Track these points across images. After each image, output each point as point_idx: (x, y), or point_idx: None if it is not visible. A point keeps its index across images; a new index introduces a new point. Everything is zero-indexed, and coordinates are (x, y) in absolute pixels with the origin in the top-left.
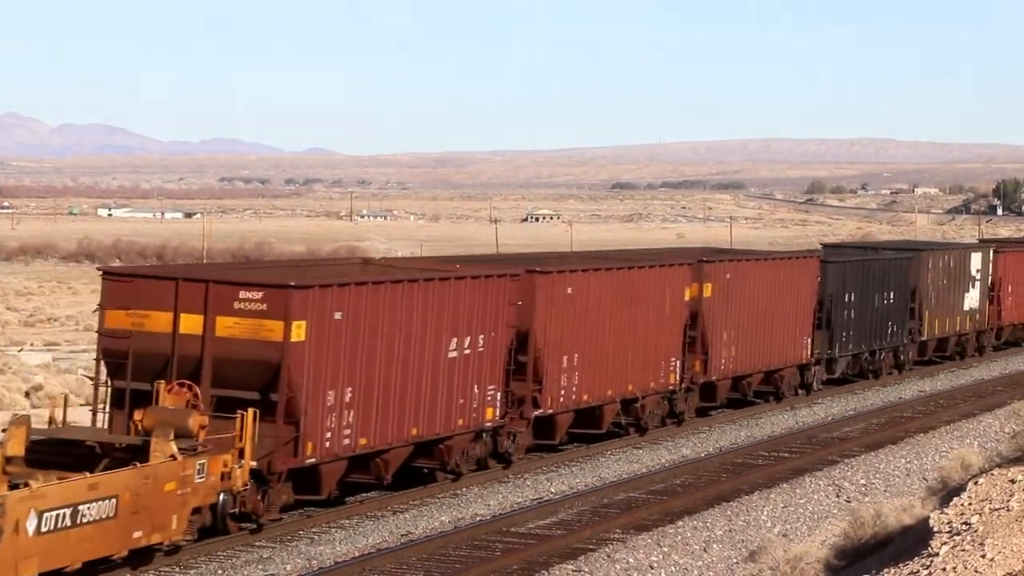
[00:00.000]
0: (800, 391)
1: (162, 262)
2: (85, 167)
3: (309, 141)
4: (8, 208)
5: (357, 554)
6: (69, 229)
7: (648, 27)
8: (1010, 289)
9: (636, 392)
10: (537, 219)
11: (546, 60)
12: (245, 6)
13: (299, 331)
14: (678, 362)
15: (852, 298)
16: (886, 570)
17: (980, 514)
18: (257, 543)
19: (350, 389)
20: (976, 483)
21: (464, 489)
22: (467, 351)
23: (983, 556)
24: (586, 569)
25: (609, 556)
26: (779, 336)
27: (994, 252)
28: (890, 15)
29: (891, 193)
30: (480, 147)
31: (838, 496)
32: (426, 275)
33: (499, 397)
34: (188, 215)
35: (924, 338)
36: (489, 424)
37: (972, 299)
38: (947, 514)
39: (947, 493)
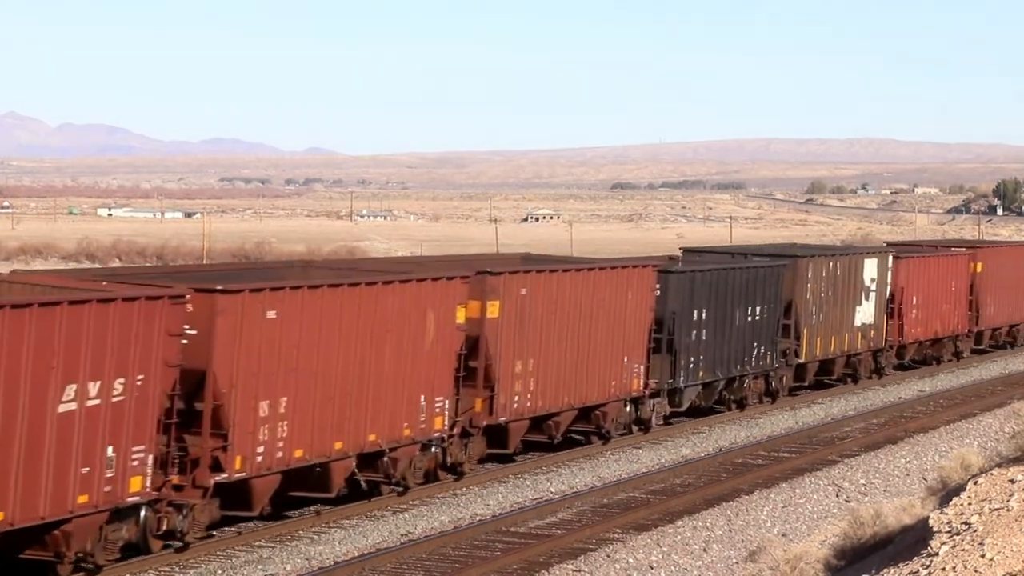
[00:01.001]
0: (636, 428)
1: (162, 262)
2: (85, 167)
3: (309, 141)
4: (8, 208)
5: (357, 554)
6: (69, 229)
7: (649, 26)
8: (914, 301)
9: (381, 443)
10: (537, 219)
11: (546, 60)
12: (245, 5)
13: None
14: (447, 402)
15: (703, 315)
16: (886, 570)
17: (980, 514)
18: (257, 543)
19: None
20: (976, 483)
21: (464, 489)
22: (94, 401)
23: (983, 556)
24: (586, 569)
25: (609, 556)
26: (599, 364)
27: (894, 258)
28: (891, 15)
29: (891, 193)
30: (480, 147)
31: (838, 496)
32: (16, 301)
33: (151, 461)
34: (188, 215)
35: (803, 360)
36: (136, 498)
37: (866, 313)
38: (947, 514)
39: (947, 493)
